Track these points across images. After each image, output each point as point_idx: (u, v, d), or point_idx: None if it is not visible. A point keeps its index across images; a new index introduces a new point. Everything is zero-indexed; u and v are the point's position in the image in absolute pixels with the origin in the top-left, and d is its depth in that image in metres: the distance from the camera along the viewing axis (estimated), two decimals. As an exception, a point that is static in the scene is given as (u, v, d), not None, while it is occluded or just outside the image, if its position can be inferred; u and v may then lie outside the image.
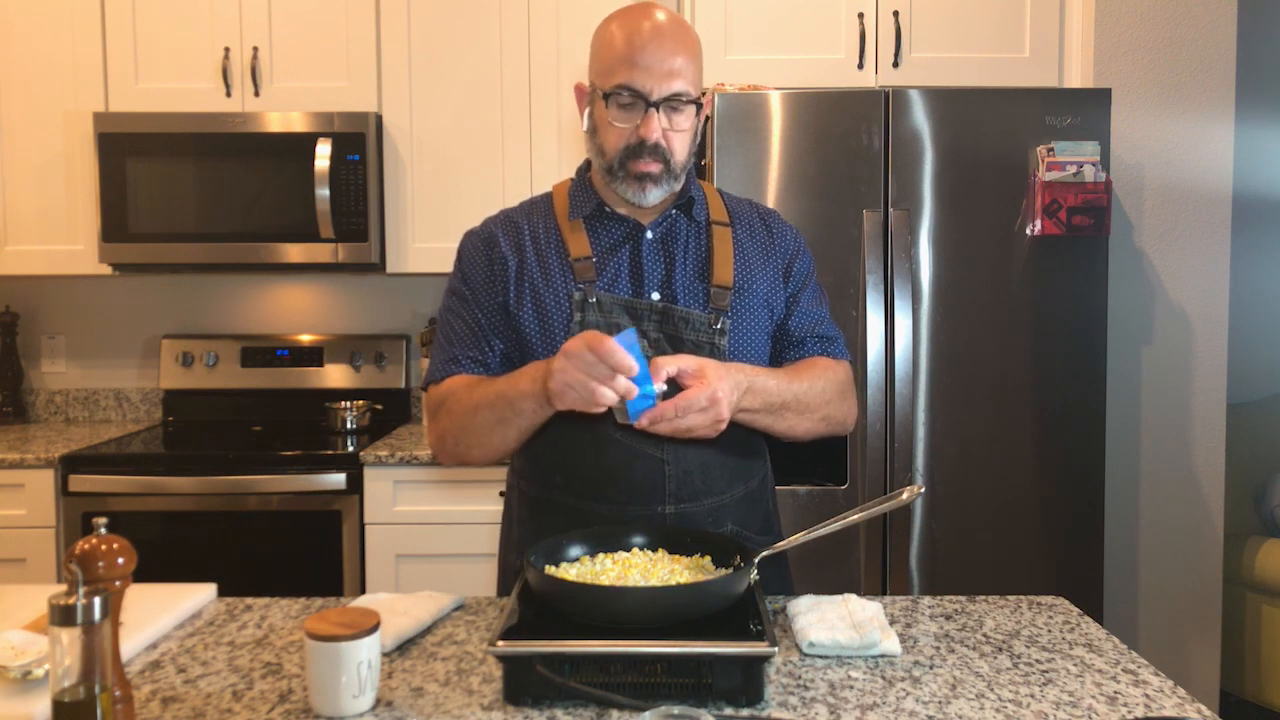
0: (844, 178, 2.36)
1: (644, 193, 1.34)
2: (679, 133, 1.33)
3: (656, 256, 1.39)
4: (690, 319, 1.35)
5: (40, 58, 2.78)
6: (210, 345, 3.07)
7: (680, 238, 1.41)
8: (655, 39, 1.30)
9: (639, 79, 1.29)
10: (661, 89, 1.30)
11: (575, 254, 1.38)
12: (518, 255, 1.41)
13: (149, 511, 2.49)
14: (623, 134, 1.32)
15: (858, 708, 1.01)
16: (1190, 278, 2.67)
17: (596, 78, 1.36)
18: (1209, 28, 2.64)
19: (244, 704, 1.03)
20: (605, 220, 1.41)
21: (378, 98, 2.80)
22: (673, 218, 1.42)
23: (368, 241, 2.72)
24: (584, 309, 1.35)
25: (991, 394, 2.39)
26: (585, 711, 1.00)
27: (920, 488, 1.25)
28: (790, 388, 1.34)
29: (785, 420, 1.35)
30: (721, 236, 1.42)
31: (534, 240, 1.42)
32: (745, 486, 1.42)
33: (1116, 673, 1.11)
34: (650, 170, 1.32)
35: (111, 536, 0.91)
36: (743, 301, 1.39)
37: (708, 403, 1.18)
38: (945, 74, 2.66)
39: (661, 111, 1.31)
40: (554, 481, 1.39)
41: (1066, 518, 2.40)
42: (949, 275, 2.38)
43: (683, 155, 1.35)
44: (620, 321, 1.35)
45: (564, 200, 1.44)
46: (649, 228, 1.40)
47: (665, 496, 1.35)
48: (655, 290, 1.37)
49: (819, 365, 1.42)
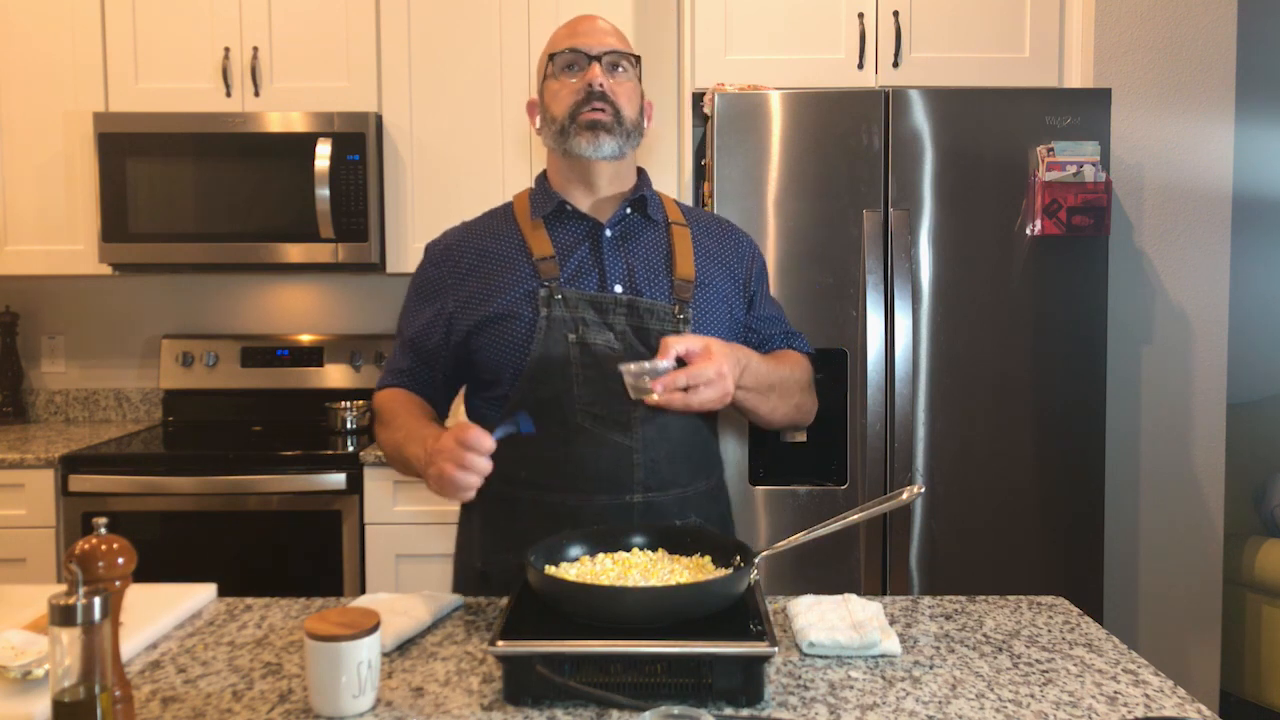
0: (844, 178, 2.36)
1: (597, 141, 1.39)
2: (622, 87, 1.42)
3: (617, 252, 1.44)
4: (655, 310, 1.40)
5: (40, 58, 2.78)
6: (210, 345, 3.07)
7: (639, 235, 1.47)
8: (588, 20, 1.46)
9: (579, 42, 1.42)
10: (600, 46, 1.41)
11: (538, 253, 1.42)
12: (478, 261, 1.46)
13: (149, 511, 2.49)
14: (570, 89, 1.41)
15: (858, 708, 1.01)
16: (1190, 278, 2.67)
17: (544, 61, 1.47)
18: (1209, 28, 2.64)
19: (244, 704, 1.03)
20: (565, 220, 1.46)
21: (378, 98, 2.80)
22: (629, 218, 1.47)
23: (368, 241, 2.72)
24: (550, 305, 1.38)
25: (991, 394, 2.39)
26: (585, 711, 1.00)
27: (920, 488, 1.25)
28: (777, 372, 1.42)
29: (769, 402, 1.41)
30: (680, 235, 1.47)
31: (496, 245, 1.47)
32: (706, 482, 1.47)
33: (1116, 673, 1.11)
34: (600, 118, 1.39)
35: (111, 536, 0.91)
36: (704, 295, 1.44)
37: (715, 375, 1.23)
38: (945, 74, 2.66)
39: (603, 69, 1.40)
40: (519, 476, 1.40)
41: (1066, 518, 2.40)
42: (949, 275, 2.38)
43: (631, 111, 1.43)
44: (585, 316, 1.39)
45: (525, 204, 1.50)
46: (607, 225, 1.44)
47: (634, 485, 1.37)
48: (619, 284, 1.41)
49: (792, 356, 1.51)
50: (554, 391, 1.38)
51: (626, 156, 1.46)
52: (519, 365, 1.39)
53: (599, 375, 1.37)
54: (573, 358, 1.37)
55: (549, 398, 1.38)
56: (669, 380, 1.22)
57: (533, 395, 1.39)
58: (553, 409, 1.37)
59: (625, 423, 1.37)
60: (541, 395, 1.38)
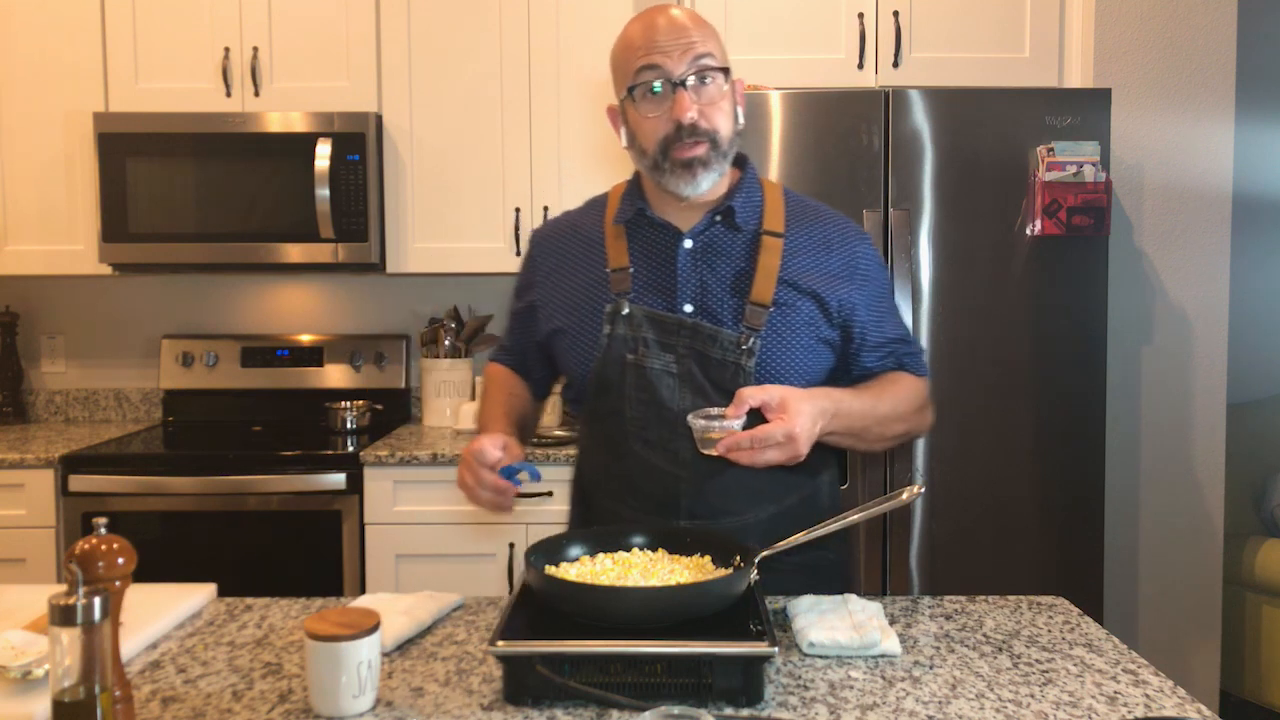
0: (844, 178, 2.35)
1: (695, 179, 1.29)
2: (714, 106, 1.29)
3: (693, 267, 1.35)
4: (718, 337, 1.32)
5: (40, 58, 2.78)
6: (210, 345, 3.07)
7: (721, 249, 1.36)
8: (668, 23, 1.29)
9: (656, 59, 1.27)
10: (684, 62, 1.27)
11: (613, 264, 1.38)
12: (560, 263, 1.44)
13: (149, 511, 2.49)
14: (658, 123, 1.29)
15: (858, 708, 1.01)
16: (1190, 278, 2.67)
17: (621, 81, 1.33)
18: (1209, 28, 2.64)
19: (244, 704, 1.03)
20: (645, 227, 1.38)
21: (378, 98, 2.80)
22: (715, 227, 1.36)
23: (368, 241, 2.72)
24: (614, 321, 1.35)
25: (991, 394, 2.39)
26: (585, 711, 1.00)
27: (920, 488, 1.25)
28: (876, 410, 1.32)
29: (864, 441, 1.34)
30: (770, 248, 1.35)
31: (578, 247, 1.44)
32: (777, 505, 1.38)
33: (1116, 673, 1.11)
34: (696, 154, 1.28)
35: (111, 536, 0.91)
36: (783, 319, 1.33)
37: (784, 439, 1.16)
38: (945, 74, 2.66)
39: (690, 90, 1.27)
40: (594, 479, 1.45)
41: (1066, 518, 2.40)
42: (949, 275, 2.37)
43: (726, 130, 1.30)
44: (647, 336, 1.34)
45: (616, 201, 1.44)
46: (687, 236, 1.35)
47: (680, 511, 1.36)
48: (689, 303, 1.34)
49: (902, 382, 1.40)
50: (611, 408, 1.37)
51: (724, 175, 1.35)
52: (584, 377, 1.39)
53: (652, 400, 1.34)
54: (628, 379, 1.34)
55: (607, 413, 1.38)
56: (731, 441, 1.16)
57: (596, 407, 1.40)
58: (611, 425, 1.37)
59: (674, 450, 1.34)
60: (600, 410, 1.39)
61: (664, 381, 1.33)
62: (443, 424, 2.92)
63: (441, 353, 2.95)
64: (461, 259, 2.83)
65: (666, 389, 1.33)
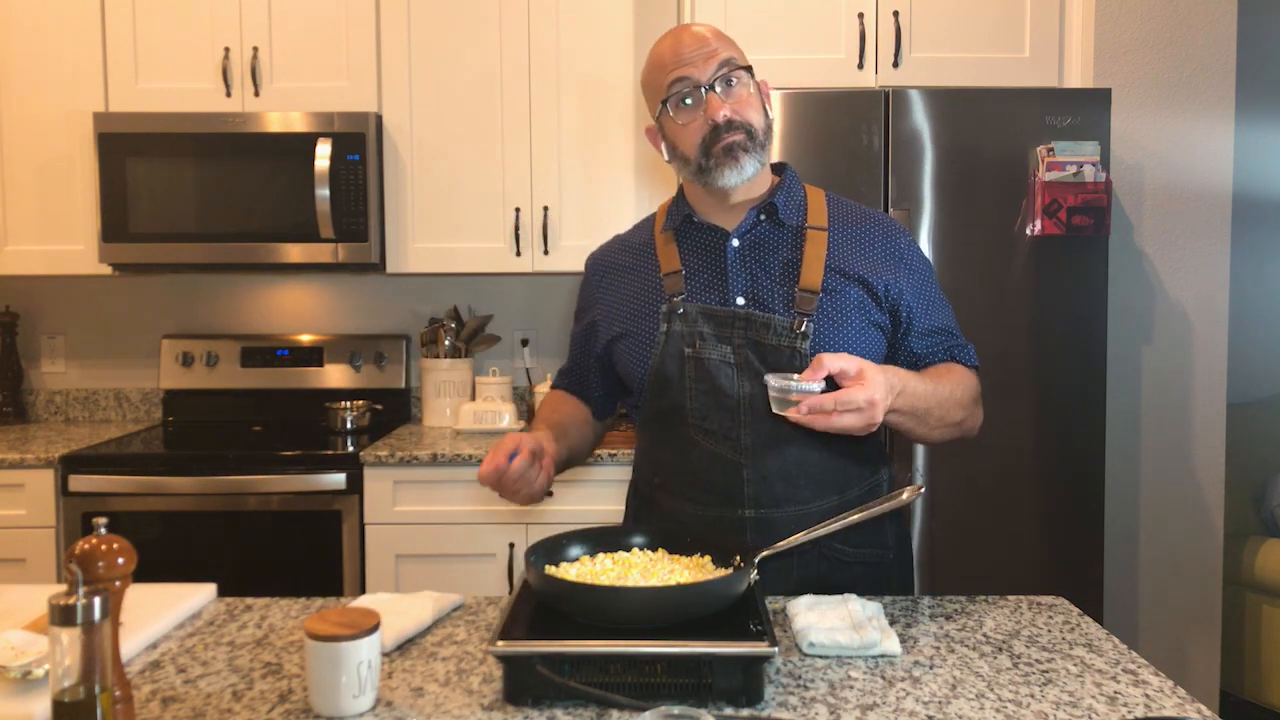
0: (844, 178, 2.35)
1: (739, 165, 1.36)
2: (743, 103, 1.37)
3: (743, 262, 1.41)
4: (771, 324, 1.36)
5: (40, 58, 2.78)
6: (210, 345, 3.07)
7: (768, 244, 1.42)
8: (690, 36, 1.39)
9: (684, 72, 1.37)
10: (709, 69, 1.36)
11: (665, 269, 1.45)
12: (616, 277, 1.51)
13: (149, 511, 2.49)
14: (695, 128, 1.37)
15: (858, 708, 1.01)
16: (1190, 277, 2.67)
17: (655, 98, 1.42)
18: (1209, 27, 2.64)
19: (244, 704, 1.03)
20: (693, 231, 1.46)
21: (378, 98, 2.80)
22: (759, 225, 1.43)
23: (368, 241, 2.72)
24: (670, 320, 1.41)
25: (991, 394, 2.37)
26: (585, 711, 1.00)
27: (920, 488, 1.25)
28: (938, 392, 1.34)
29: (926, 424, 1.34)
30: (815, 240, 1.41)
31: (632, 259, 1.51)
32: (840, 496, 1.40)
33: (1116, 673, 1.11)
34: (736, 139, 1.35)
35: (111, 536, 0.91)
36: (832, 304, 1.37)
37: (865, 404, 1.18)
38: (945, 74, 2.66)
39: (718, 91, 1.36)
40: (654, 481, 1.48)
41: (1066, 518, 2.40)
42: (949, 275, 2.37)
43: (760, 121, 1.39)
44: (703, 330, 1.39)
45: (663, 215, 1.52)
46: (733, 235, 1.41)
47: (744, 500, 1.38)
48: (741, 295, 1.39)
49: (956, 371, 1.42)
50: (671, 403, 1.41)
51: (764, 166, 1.42)
52: (643, 378, 1.43)
53: (712, 389, 1.38)
54: (687, 371, 1.39)
55: (667, 409, 1.42)
56: (815, 402, 1.17)
57: (654, 407, 1.43)
58: (672, 420, 1.41)
59: (735, 438, 1.37)
60: (661, 407, 1.42)
61: (723, 371, 1.37)
62: (443, 424, 2.92)
63: (441, 353, 2.95)
64: (461, 259, 2.83)
65: (725, 378, 1.37)
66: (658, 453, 1.47)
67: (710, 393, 1.38)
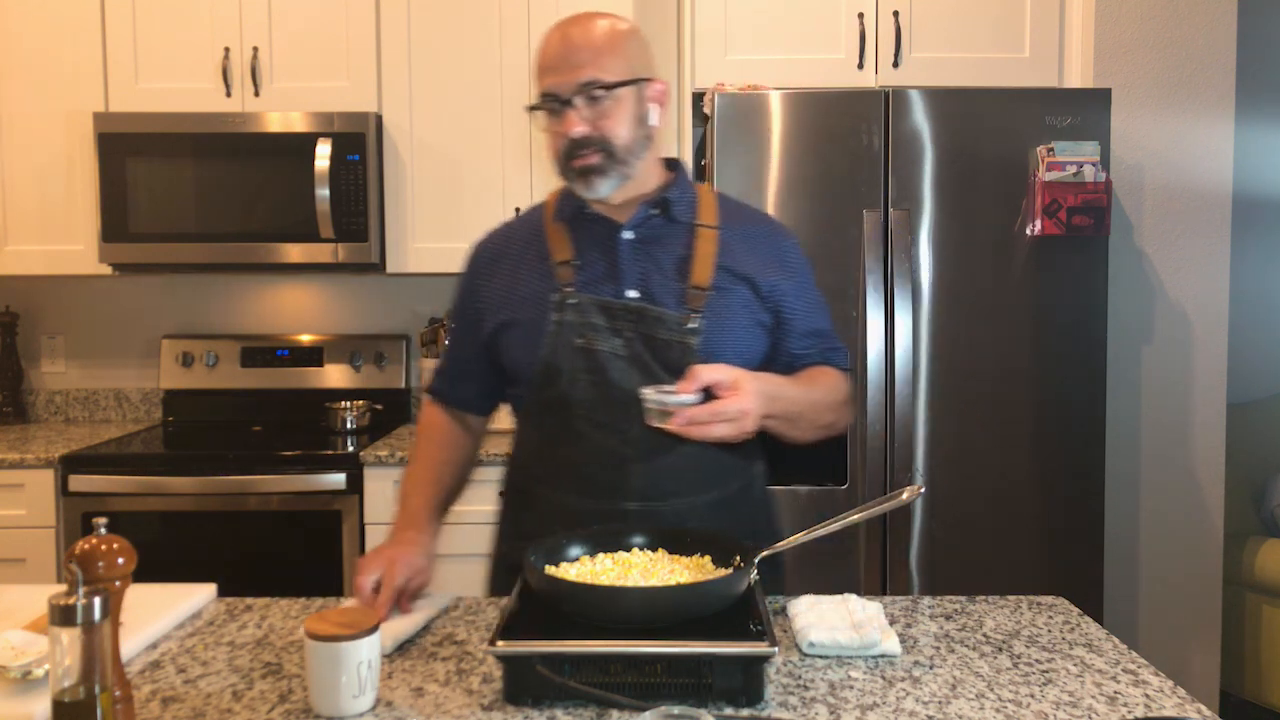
0: (844, 178, 2.36)
1: (590, 186, 1.36)
2: (607, 118, 1.34)
3: (634, 256, 1.41)
4: (664, 318, 1.37)
5: (40, 58, 2.78)
6: (210, 345, 3.07)
7: (660, 239, 1.43)
8: (562, 43, 1.35)
9: (550, 82, 1.35)
10: (570, 84, 1.33)
11: (557, 258, 1.43)
12: (503, 264, 1.48)
13: (149, 511, 2.49)
14: (557, 139, 1.36)
15: (858, 708, 1.01)
16: (1190, 278, 2.67)
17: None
18: (1209, 27, 2.64)
19: (244, 704, 1.03)
20: (586, 222, 1.44)
21: (378, 98, 2.80)
22: (652, 219, 1.43)
23: (368, 241, 2.72)
24: (562, 310, 1.39)
25: (991, 394, 2.39)
26: (585, 711, 1.00)
27: (920, 488, 1.25)
28: (809, 395, 1.38)
29: (799, 428, 1.38)
30: (706, 238, 1.43)
31: (520, 247, 1.48)
32: (720, 491, 1.43)
33: (1116, 673, 1.11)
34: (589, 162, 1.34)
35: (111, 536, 0.91)
36: (721, 301, 1.39)
37: (738, 414, 1.21)
38: (945, 74, 2.66)
39: (582, 105, 1.33)
40: (534, 474, 1.45)
41: (1066, 518, 2.40)
42: (949, 275, 2.37)
43: (625, 139, 1.35)
44: (595, 321, 1.38)
45: (554, 204, 1.49)
46: (625, 227, 1.42)
47: (631, 493, 1.37)
48: (633, 288, 1.39)
49: (828, 375, 1.46)
50: (559, 394, 1.39)
51: (633, 177, 1.39)
52: (531, 368, 1.41)
53: (602, 381, 1.37)
54: (578, 363, 1.38)
55: (555, 400, 1.40)
56: (690, 414, 1.20)
57: (541, 397, 1.41)
58: (559, 411, 1.39)
59: (623, 431, 1.37)
60: (548, 397, 1.40)
61: (613, 364, 1.37)
62: (443, 424, 2.91)
63: (441, 352, 2.95)
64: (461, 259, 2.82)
65: (616, 370, 1.37)
66: (541, 444, 1.44)
67: (600, 385, 1.37)
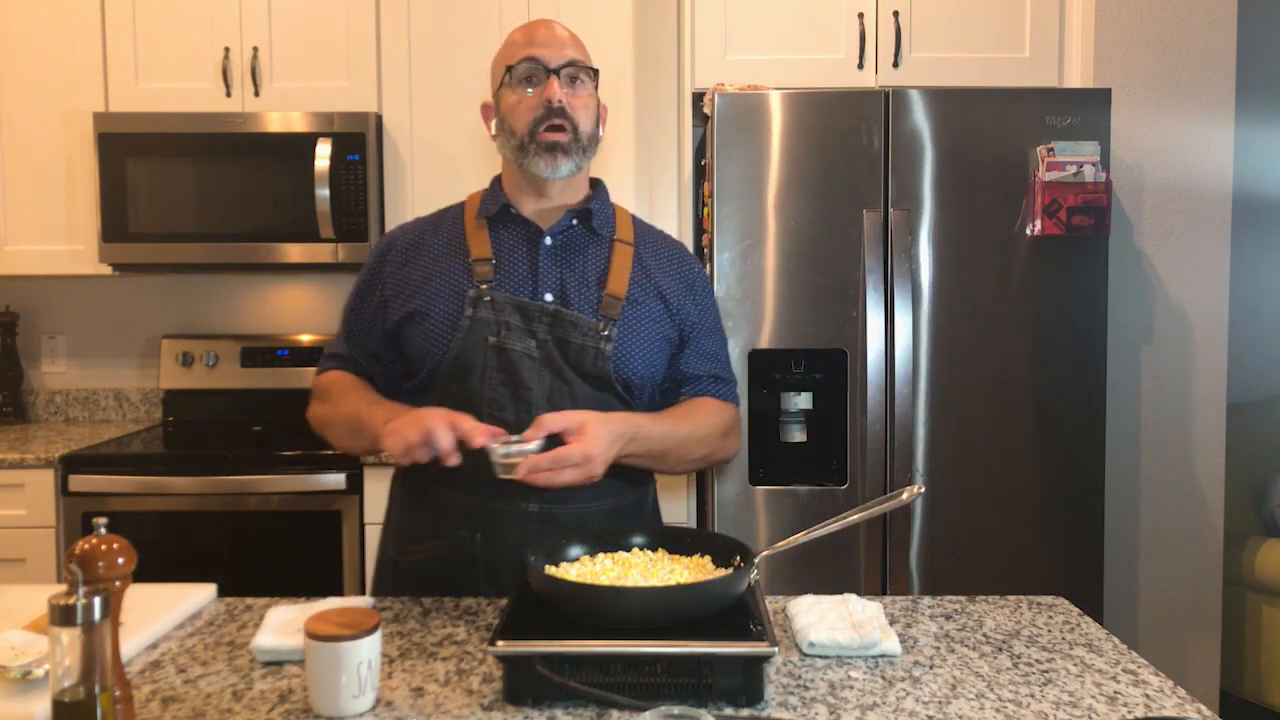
0: (844, 178, 2.36)
1: (555, 163, 1.40)
2: (580, 103, 1.42)
3: (554, 261, 1.44)
4: (579, 323, 1.40)
5: (40, 58, 2.78)
6: (210, 345, 3.07)
7: (580, 247, 1.46)
8: (547, 28, 1.45)
9: (537, 52, 1.41)
10: (558, 57, 1.41)
11: (476, 255, 1.44)
12: (416, 255, 1.48)
13: (149, 511, 2.49)
14: (530, 104, 1.40)
15: (858, 708, 1.01)
16: (1190, 278, 2.67)
17: (500, 68, 1.46)
18: (1209, 27, 2.64)
19: (244, 704, 1.03)
20: (508, 223, 1.47)
21: (378, 98, 2.80)
22: (573, 229, 1.46)
23: (368, 241, 2.72)
24: (476, 306, 1.40)
25: (992, 394, 2.39)
26: (585, 711, 1.00)
27: (920, 488, 1.25)
28: (676, 433, 1.41)
29: (665, 463, 1.43)
30: (622, 252, 1.47)
31: (436, 240, 1.49)
32: (617, 500, 1.45)
33: (1116, 673, 1.11)
34: (559, 139, 1.39)
35: (111, 536, 0.91)
36: (635, 313, 1.43)
37: (581, 459, 1.23)
38: (945, 74, 2.66)
39: (562, 83, 1.40)
40: (431, 470, 1.40)
41: (1066, 518, 2.40)
42: (949, 275, 2.37)
43: (588, 127, 1.43)
44: (510, 321, 1.39)
45: (475, 204, 1.51)
46: (548, 234, 1.45)
47: (530, 494, 1.37)
48: (550, 293, 1.42)
49: (708, 406, 1.49)
50: (466, 391, 1.39)
51: (583, 170, 1.46)
52: (438, 361, 1.41)
53: (511, 380, 1.38)
54: (489, 360, 1.39)
55: (460, 396, 1.39)
56: (532, 462, 1.21)
57: (446, 392, 1.40)
58: (463, 408, 1.34)
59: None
60: (453, 393, 1.40)
61: (525, 364, 1.38)
62: (443, 424, 2.91)
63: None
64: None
65: (527, 370, 1.38)
66: None
67: (509, 384, 1.38)
